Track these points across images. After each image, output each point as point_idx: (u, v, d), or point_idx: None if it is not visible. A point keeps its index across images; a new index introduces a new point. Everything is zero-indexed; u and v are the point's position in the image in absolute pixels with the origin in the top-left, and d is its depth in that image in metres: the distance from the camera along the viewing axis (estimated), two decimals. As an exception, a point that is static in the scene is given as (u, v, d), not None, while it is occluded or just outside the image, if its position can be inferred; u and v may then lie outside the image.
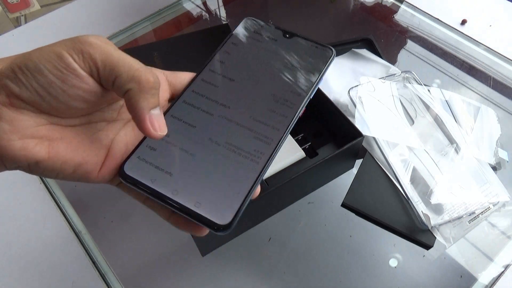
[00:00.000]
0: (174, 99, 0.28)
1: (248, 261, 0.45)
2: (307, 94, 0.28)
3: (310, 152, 0.48)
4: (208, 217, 0.23)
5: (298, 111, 0.27)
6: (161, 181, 0.24)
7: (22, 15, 0.88)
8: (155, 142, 0.26)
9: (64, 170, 0.23)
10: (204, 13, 0.72)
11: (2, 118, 0.21)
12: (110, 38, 0.66)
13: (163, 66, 0.56)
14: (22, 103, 0.22)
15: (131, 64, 0.22)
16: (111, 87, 0.23)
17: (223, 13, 0.73)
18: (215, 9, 0.73)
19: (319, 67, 0.30)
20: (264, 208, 0.44)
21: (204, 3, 0.74)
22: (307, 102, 0.28)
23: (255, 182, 0.24)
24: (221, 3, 0.74)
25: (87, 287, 0.43)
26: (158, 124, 0.23)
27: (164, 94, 0.28)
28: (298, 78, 0.29)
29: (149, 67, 0.24)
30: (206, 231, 0.24)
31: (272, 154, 0.26)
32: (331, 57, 0.30)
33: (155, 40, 0.67)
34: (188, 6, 0.72)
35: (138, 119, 0.23)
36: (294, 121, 0.27)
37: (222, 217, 0.23)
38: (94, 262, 0.44)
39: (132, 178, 0.24)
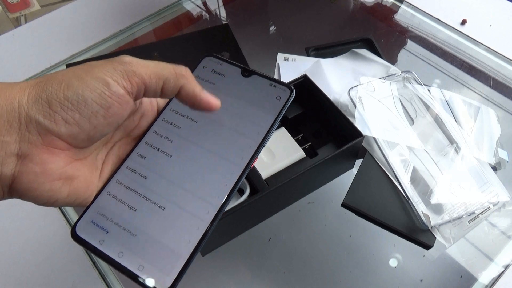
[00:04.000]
0: None
1: (248, 261, 0.45)
2: (257, 146, 0.26)
3: (310, 152, 0.48)
4: (148, 284, 0.22)
5: (248, 163, 0.26)
6: (109, 243, 0.24)
7: (22, 15, 0.88)
8: (105, 203, 0.25)
9: (79, 204, 0.24)
10: (204, 13, 0.72)
11: (34, 160, 0.20)
12: (110, 38, 0.66)
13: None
14: (56, 141, 0.21)
15: (166, 66, 0.24)
16: (158, 94, 0.24)
17: (223, 13, 0.73)
18: (215, 9, 0.73)
19: (273, 111, 0.27)
20: (264, 208, 0.44)
21: (204, 3, 0.74)
22: (258, 153, 0.26)
23: (199, 243, 0.23)
24: (221, 3, 0.74)
25: (87, 287, 0.43)
26: (212, 97, 0.26)
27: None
28: (250, 126, 0.27)
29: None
30: None
31: (217, 214, 0.24)
32: (289, 98, 0.28)
33: (155, 40, 0.67)
34: (188, 6, 0.72)
35: (201, 103, 0.25)
36: (243, 174, 0.25)
37: (163, 282, 0.22)
38: (94, 262, 0.44)
39: (82, 240, 0.24)
